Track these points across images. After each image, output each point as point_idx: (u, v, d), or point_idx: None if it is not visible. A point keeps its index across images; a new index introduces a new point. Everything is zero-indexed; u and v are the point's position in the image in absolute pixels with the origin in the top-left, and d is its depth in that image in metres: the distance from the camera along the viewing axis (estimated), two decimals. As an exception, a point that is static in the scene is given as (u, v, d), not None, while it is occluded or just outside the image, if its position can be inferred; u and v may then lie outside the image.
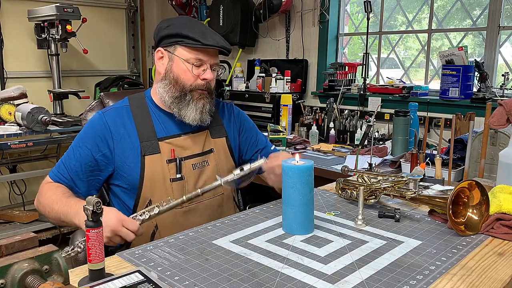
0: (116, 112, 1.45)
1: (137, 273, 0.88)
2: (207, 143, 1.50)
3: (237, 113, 1.63)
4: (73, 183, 1.38)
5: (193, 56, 1.38)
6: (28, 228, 3.10)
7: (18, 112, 2.89)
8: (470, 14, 2.83)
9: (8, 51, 3.61)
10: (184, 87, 1.40)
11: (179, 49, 1.39)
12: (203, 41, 1.36)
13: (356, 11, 3.51)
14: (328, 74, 3.22)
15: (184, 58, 1.39)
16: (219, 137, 1.53)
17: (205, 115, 1.43)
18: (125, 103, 1.48)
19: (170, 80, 1.42)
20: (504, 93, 2.53)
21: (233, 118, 1.60)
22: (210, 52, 1.40)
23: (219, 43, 1.39)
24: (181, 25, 1.40)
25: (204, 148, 1.48)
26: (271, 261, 0.99)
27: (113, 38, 4.34)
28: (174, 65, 1.41)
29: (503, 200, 1.20)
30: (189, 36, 1.36)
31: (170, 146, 1.43)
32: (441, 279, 0.91)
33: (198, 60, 1.39)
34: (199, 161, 1.46)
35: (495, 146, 1.75)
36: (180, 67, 1.40)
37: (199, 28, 1.40)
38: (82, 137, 1.42)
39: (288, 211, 1.14)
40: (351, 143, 2.86)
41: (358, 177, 1.44)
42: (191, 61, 1.38)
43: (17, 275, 0.70)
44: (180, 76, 1.40)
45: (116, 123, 1.42)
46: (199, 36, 1.36)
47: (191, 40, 1.36)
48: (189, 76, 1.39)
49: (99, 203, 0.86)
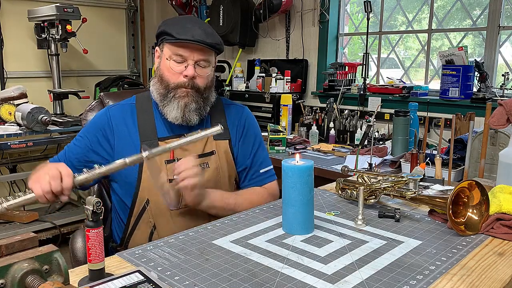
0: (121, 109, 1.46)
1: (137, 273, 0.88)
2: (209, 145, 1.45)
3: (245, 117, 1.56)
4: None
5: (173, 52, 1.36)
6: (28, 228, 3.10)
7: (18, 112, 2.89)
8: (470, 14, 2.83)
9: (8, 51, 3.61)
10: (168, 84, 1.38)
11: (165, 46, 1.39)
12: (178, 36, 1.33)
13: (356, 11, 3.51)
14: (328, 74, 3.22)
15: (166, 55, 1.38)
16: (221, 139, 1.47)
17: (189, 114, 1.39)
18: (132, 101, 1.48)
19: (158, 78, 1.42)
20: (504, 93, 2.53)
21: (240, 122, 1.53)
22: (191, 47, 1.34)
23: (195, 37, 1.33)
24: (170, 22, 1.39)
25: (204, 150, 1.44)
26: (271, 261, 0.99)
27: (113, 38, 4.34)
28: (161, 62, 1.41)
29: (503, 200, 1.20)
30: (168, 32, 1.35)
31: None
32: (441, 279, 0.91)
33: (178, 56, 1.35)
34: (198, 163, 1.42)
35: (495, 146, 1.75)
36: (164, 64, 1.39)
37: (183, 24, 1.36)
38: (86, 129, 1.46)
39: (288, 211, 1.14)
40: (351, 143, 2.86)
41: (358, 177, 1.44)
42: (172, 58, 1.36)
43: (17, 275, 0.71)
44: (164, 73, 1.39)
45: (119, 119, 1.42)
46: (177, 31, 1.33)
47: (169, 36, 1.35)
48: (171, 73, 1.37)
49: (99, 203, 0.86)
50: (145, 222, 1.38)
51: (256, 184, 1.51)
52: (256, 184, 1.51)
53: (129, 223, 1.41)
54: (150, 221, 1.38)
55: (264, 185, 1.52)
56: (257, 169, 1.52)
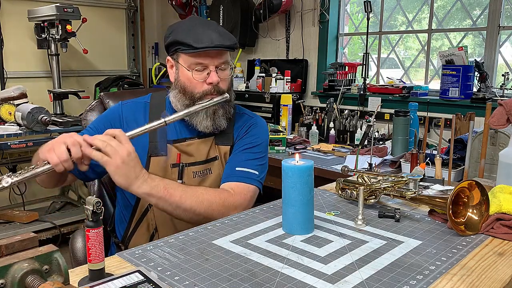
0: (134, 106, 1.43)
1: (137, 273, 0.88)
2: (212, 150, 1.42)
3: (251, 124, 1.48)
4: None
5: (192, 62, 1.32)
6: (28, 228, 3.10)
7: (18, 112, 2.89)
8: (470, 14, 2.83)
9: (8, 51, 3.61)
10: (193, 95, 1.34)
11: (181, 56, 1.35)
12: (196, 45, 1.29)
13: (356, 11, 3.51)
14: (328, 74, 3.22)
15: (185, 65, 1.34)
16: (224, 144, 1.43)
17: (219, 120, 1.37)
18: (146, 100, 1.45)
19: (179, 89, 1.37)
20: (504, 93, 2.53)
21: (244, 127, 1.47)
22: (210, 53, 1.31)
23: (214, 42, 1.29)
24: (179, 30, 1.35)
25: (208, 156, 1.41)
26: (271, 261, 0.99)
27: (113, 38, 4.34)
28: (180, 73, 1.36)
29: (503, 200, 1.19)
30: (184, 42, 1.31)
31: (177, 151, 1.38)
32: (441, 279, 0.91)
33: (199, 64, 1.32)
34: (201, 169, 1.40)
35: (495, 146, 1.75)
36: (184, 75, 1.35)
37: (196, 30, 1.33)
38: (96, 121, 1.43)
39: (288, 211, 1.14)
40: (351, 143, 2.86)
41: (358, 177, 1.44)
42: (192, 67, 1.32)
43: (17, 275, 0.70)
44: (186, 84, 1.35)
45: (130, 117, 1.40)
46: (193, 39, 1.29)
47: (185, 46, 1.31)
48: (194, 83, 1.33)
49: (99, 203, 0.86)
50: (147, 223, 1.38)
51: (226, 180, 1.37)
52: (226, 180, 1.37)
53: (131, 222, 1.41)
54: (151, 223, 1.38)
55: (234, 183, 1.35)
56: (234, 166, 1.39)
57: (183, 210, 1.24)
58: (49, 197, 3.83)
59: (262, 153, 1.45)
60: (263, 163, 1.45)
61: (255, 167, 1.40)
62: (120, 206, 1.48)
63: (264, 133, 1.50)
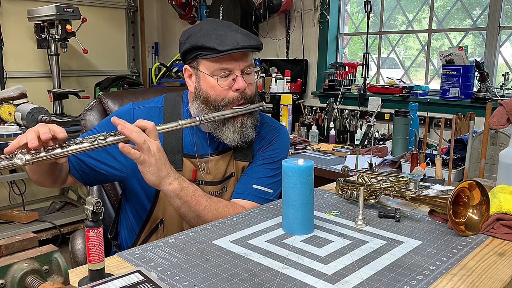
0: (148, 112, 1.31)
1: (137, 273, 0.88)
2: (230, 166, 1.32)
3: (276, 139, 1.38)
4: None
5: (216, 67, 1.21)
6: (28, 228, 3.10)
7: (18, 112, 2.89)
8: (470, 14, 2.83)
9: (8, 51, 3.61)
10: (217, 104, 1.23)
11: (201, 63, 1.23)
12: (221, 47, 1.17)
13: (356, 11, 3.51)
14: (328, 74, 3.22)
15: (208, 72, 1.22)
16: (243, 160, 1.33)
17: (247, 132, 1.26)
18: (160, 103, 1.34)
19: (201, 100, 1.25)
20: (504, 93, 2.53)
21: (268, 141, 1.37)
22: (235, 56, 1.20)
23: (239, 43, 1.18)
24: (198, 35, 1.23)
25: (226, 174, 1.32)
26: (271, 261, 0.98)
27: (113, 38, 4.34)
28: (201, 81, 1.25)
29: (503, 200, 1.19)
30: (206, 46, 1.19)
31: (193, 166, 1.29)
32: (441, 279, 0.91)
33: (223, 69, 1.21)
34: (217, 189, 1.32)
35: (495, 146, 1.75)
36: (207, 83, 1.23)
37: (217, 32, 1.21)
38: (104, 122, 1.33)
39: (288, 211, 1.14)
40: (351, 143, 2.86)
41: (358, 177, 1.43)
42: (216, 74, 1.21)
43: (17, 275, 0.70)
44: (209, 93, 1.23)
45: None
46: (216, 42, 1.18)
47: (208, 50, 1.19)
48: (219, 90, 1.22)
49: (99, 203, 0.86)
50: (157, 239, 1.35)
51: (241, 197, 1.32)
52: (241, 197, 1.32)
53: (140, 235, 1.35)
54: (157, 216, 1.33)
55: (249, 202, 1.32)
56: (250, 182, 1.32)
57: (201, 221, 1.20)
58: (49, 197, 3.84)
59: (279, 168, 1.31)
60: (279, 179, 1.35)
61: (271, 185, 1.35)
62: (128, 216, 1.41)
63: (285, 149, 1.43)
